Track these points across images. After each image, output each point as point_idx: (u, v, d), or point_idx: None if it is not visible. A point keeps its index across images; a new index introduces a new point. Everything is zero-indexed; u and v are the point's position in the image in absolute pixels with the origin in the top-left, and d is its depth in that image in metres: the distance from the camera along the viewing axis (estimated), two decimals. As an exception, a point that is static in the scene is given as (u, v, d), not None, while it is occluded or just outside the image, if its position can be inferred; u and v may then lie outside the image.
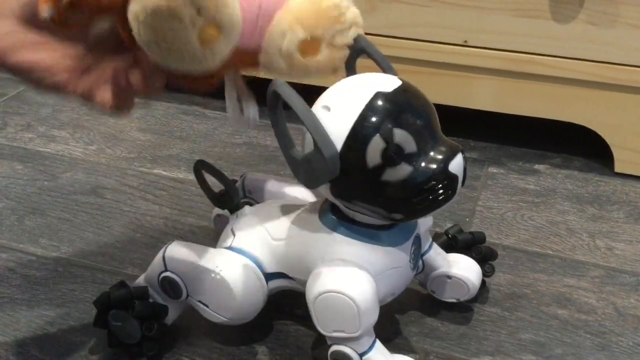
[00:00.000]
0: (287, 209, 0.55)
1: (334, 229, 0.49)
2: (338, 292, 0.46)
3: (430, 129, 0.45)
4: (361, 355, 0.47)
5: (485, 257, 0.60)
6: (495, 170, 0.84)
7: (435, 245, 0.58)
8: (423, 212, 0.45)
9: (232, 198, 0.57)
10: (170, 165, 0.83)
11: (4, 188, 0.78)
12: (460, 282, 0.57)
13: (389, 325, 0.58)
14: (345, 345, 0.47)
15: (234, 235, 0.54)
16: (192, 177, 0.58)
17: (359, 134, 0.44)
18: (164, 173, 0.82)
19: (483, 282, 0.60)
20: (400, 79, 0.47)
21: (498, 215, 0.75)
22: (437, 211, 0.45)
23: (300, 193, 0.60)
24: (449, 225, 0.64)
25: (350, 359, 0.47)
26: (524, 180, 0.82)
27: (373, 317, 0.47)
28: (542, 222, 0.74)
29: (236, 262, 0.51)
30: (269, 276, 0.52)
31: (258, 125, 0.53)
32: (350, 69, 0.50)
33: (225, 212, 0.60)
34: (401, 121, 0.44)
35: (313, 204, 0.53)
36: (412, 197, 0.44)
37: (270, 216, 0.54)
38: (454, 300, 0.59)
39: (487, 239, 0.63)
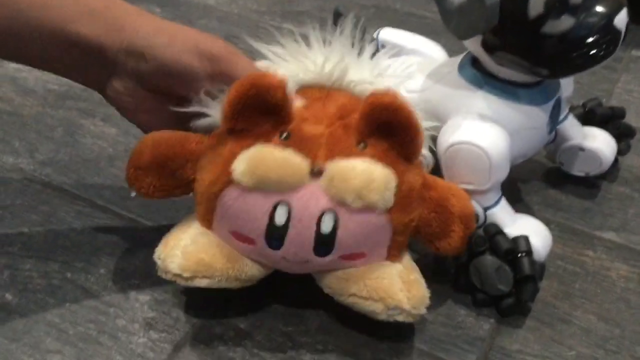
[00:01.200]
0: (423, 63, 0.54)
1: (473, 82, 0.48)
2: (471, 144, 0.45)
3: (594, -20, 0.43)
4: (485, 209, 0.48)
5: (622, 133, 0.58)
6: (639, 54, 0.78)
7: (571, 116, 0.56)
8: (578, 69, 0.43)
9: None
10: (299, 21, 0.84)
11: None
12: (592, 156, 0.55)
13: (509, 191, 0.58)
14: (471, 198, 0.48)
15: (367, 85, 0.54)
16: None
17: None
18: (293, 28, 0.82)
19: (615, 160, 0.58)
20: None
21: (637, 99, 0.71)
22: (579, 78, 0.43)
23: (436, 51, 0.59)
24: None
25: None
26: (671, 66, 0.76)
27: (503, 173, 0.47)
28: (686, 110, 0.69)
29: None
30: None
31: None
32: None
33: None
34: (566, -31, 0.42)
35: (451, 59, 0.53)
36: (571, 51, 0.43)
37: (404, 69, 0.54)
38: (582, 174, 0.57)
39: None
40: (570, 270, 0.52)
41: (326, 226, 0.40)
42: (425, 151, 0.46)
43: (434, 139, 0.48)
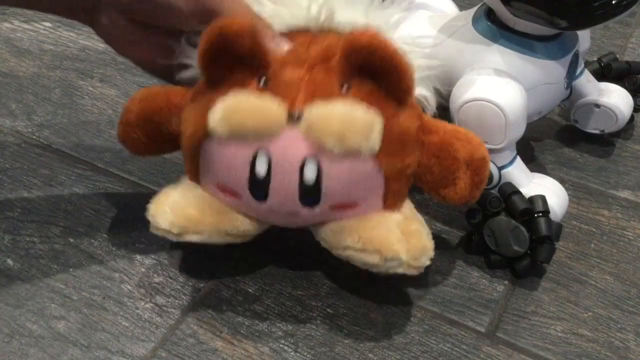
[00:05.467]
0: (434, 17, 0.52)
1: (487, 36, 0.46)
2: (487, 101, 0.44)
3: None
4: (500, 168, 0.46)
5: (639, 89, 0.56)
6: (653, 7, 0.76)
7: (586, 72, 0.54)
8: (599, 19, 0.41)
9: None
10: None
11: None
12: (608, 112, 0.54)
13: (522, 150, 0.56)
14: (485, 156, 0.46)
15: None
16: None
17: None
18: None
19: (631, 117, 0.57)
20: None
21: (652, 54, 0.69)
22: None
23: (446, 4, 0.57)
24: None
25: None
26: (686, 20, 0.74)
27: (519, 130, 0.45)
28: (702, 65, 0.67)
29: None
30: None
31: None
32: None
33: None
34: None
35: (465, 12, 0.50)
36: (592, 0, 0.40)
37: (415, 23, 0.52)
38: (597, 132, 0.56)
39: None
40: (585, 230, 0.50)
41: (309, 175, 0.37)
42: (426, 92, 0.43)
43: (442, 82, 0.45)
